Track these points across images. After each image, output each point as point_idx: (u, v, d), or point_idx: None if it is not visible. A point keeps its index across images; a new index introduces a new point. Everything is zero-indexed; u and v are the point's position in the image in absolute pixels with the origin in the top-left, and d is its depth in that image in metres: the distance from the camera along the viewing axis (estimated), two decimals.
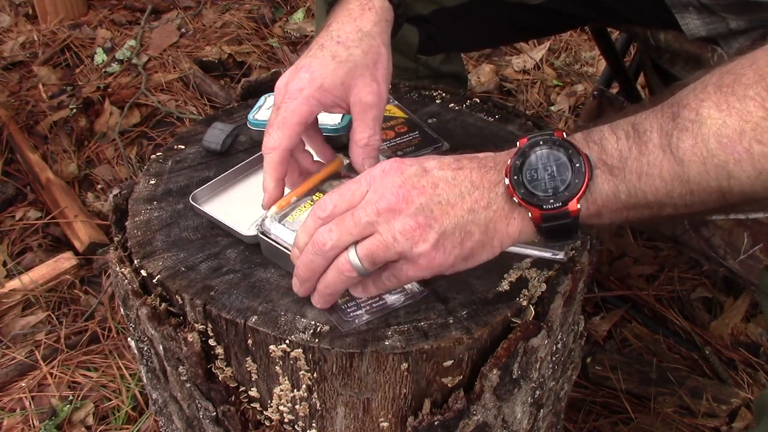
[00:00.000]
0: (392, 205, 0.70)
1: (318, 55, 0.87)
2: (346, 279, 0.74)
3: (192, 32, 2.61)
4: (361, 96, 0.85)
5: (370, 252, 0.71)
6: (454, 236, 0.71)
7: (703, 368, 1.55)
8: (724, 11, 1.07)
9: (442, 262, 0.71)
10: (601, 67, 2.38)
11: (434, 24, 1.27)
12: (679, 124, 0.67)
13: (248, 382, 0.84)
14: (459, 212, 0.71)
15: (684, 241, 1.42)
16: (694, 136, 0.66)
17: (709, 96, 0.66)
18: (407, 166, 0.72)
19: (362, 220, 0.71)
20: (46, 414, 1.46)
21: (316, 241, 0.73)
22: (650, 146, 0.68)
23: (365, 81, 0.86)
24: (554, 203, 0.70)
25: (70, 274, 1.74)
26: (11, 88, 2.32)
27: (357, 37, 0.87)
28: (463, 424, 0.80)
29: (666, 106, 0.69)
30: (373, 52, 0.87)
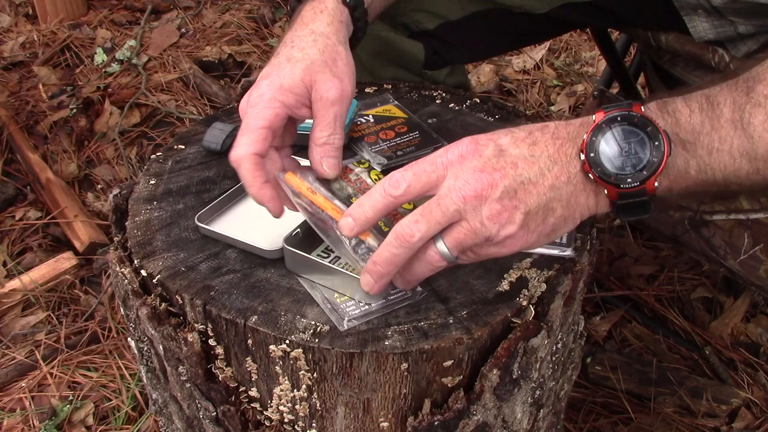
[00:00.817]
0: (478, 191, 0.69)
1: (274, 63, 0.86)
2: (435, 269, 0.73)
3: (192, 32, 2.61)
4: (321, 92, 0.83)
5: (458, 241, 0.70)
6: (538, 215, 0.70)
7: (703, 368, 1.55)
8: (733, 15, 1.07)
9: (526, 241, 0.71)
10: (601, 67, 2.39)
11: (439, 38, 1.27)
12: (752, 98, 0.66)
13: (248, 382, 0.84)
14: (541, 190, 0.70)
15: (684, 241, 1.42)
16: (767, 113, 0.65)
17: None
18: (483, 147, 0.71)
19: (450, 208, 0.69)
20: (46, 414, 1.46)
21: (402, 233, 0.71)
22: (722, 121, 0.67)
23: (325, 76, 0.83)
24: (632, 182, 0.69)
25: (70, 274, 1.74)
26: (11, 88, 2.32)
27: (311, 39, 0.86)
28: (463, 424, 0.80)
29: (741, 80, 0.68)
30: (330, 50, 0.86)
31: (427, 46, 1.27)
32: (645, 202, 0.71)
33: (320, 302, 0.81)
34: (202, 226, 0.90)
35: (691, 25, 1.14)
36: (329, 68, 0.84)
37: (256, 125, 0.81)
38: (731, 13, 1.07)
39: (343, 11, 0.91)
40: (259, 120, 0.81)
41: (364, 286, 0.75)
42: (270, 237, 0.87)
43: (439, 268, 0.73)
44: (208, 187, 0.99)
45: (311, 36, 0.87)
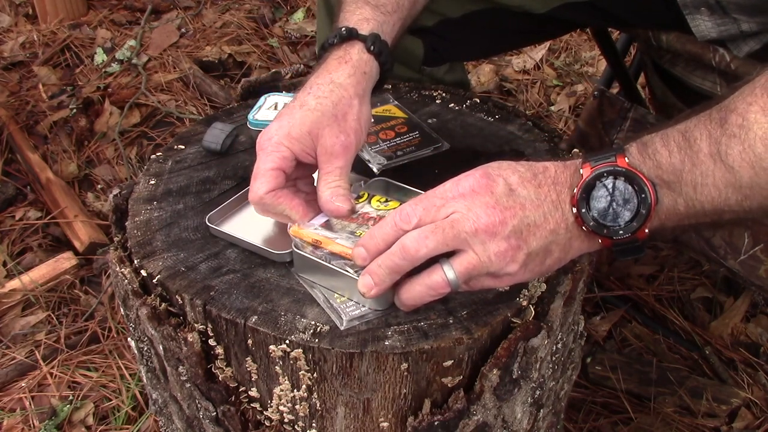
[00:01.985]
0: (490, 227, 0.71)
1: (290, 106, 0.89)
2: (436, 294, 0.75)
3: (192, 32, 2.61)
4: (326, 146, 0.85)
5: (467, 270, 0.72)
6: (538, 256, 0.74)
7: (703, 368, 1.55)
8: (737, 11, 1.07)
9: (521, 278, 0.75)
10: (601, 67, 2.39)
11: (438, 35, 1.27)
12: (727, 130, 0.68)
13: (248, 382, 0.84)
14: (544, 233, 0.73)
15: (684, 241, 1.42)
16: (742, 142, 0.67)
17: (756, 99, 0.67)
18: (494, 184, 0.73)
19: (461, 234, 0.71)
20: (46, 414, 1.46)
21: (407, 246, 0.72)
22: (701, 156, 0.69)
23: (332, 131, 0.86)
24: (623, 234, 0.73)
25: (70, 274, 1.74)
26: (11, 88, 2.32)
27: (328, 89, 0.88)
28: (463, 424, 0.80)
29: (715, 111, 0.70)
30: (344, 103, 0.88)
31: (425, 43, 1.27)
32: (638, 247, 0.75)
33: (320, 302, 0.81)
34: (213, 227, 0.90)
35: (693, 24, 1.14)
36: (338, 123, 0.86)
37: (266, 168, 0.85)
38: (735, 9, 1.07)
39: (367, 62, 0.92)
40: (267, 163, 0.85)
41: (362, 287, 0.76)
42: (279, 240, 0.88)
43: (440, 294, 0.75)
44: (208, 187, 0.99)
45: (329, 86, 0.89)
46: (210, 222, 0.91)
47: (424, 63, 1.29)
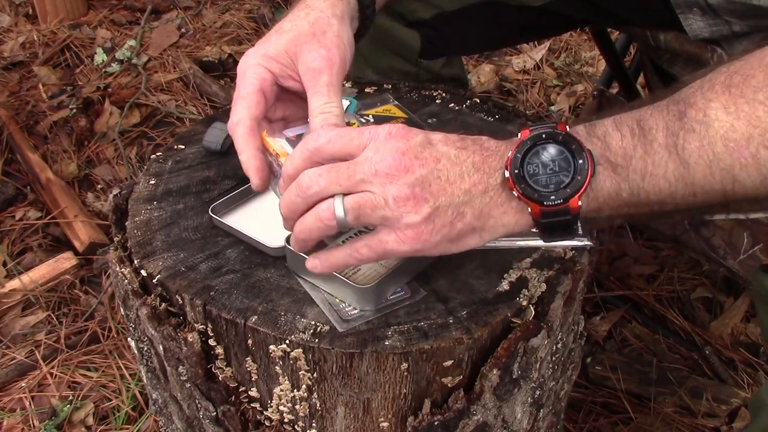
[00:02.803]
0: (391, 170, 0.67)
1: (266, 35, 0.86)
2: (323, 227, 0.71)
3: (192, 32, 2.61)
4: (307, 62, 0.81)
5: (358, 205, 0.68)
6: (446, 214, 0.69)
7: (703, 368, 1.55)
8: (728, 14, 1.07)
9: (427, 239, 0.69)
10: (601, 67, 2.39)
11: (435, 28, 1.27)
12: (686, 124, 0.66)
13: (248, 382, 0.84)
14: (456, 191, 0.69)
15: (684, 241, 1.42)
16: (701, 138, 0.65)
17: (717, 96, 0.65)
18: (414, 135, 0.70)
19: (356, 176, 0.68)
20: (46, 414, 1.46)
21: (301, 182, 0.70)
22: (655, 146, 0.67)
23: (311, 47, 0.82)
24: (555, 200, 0.69)
25: (70, 274, 1.74)
26: (11, 88, 2.32)
27: (304, 13, 0.86)
28: (463, 424, 0.80)
29: (672, 103, 0.68)
30: (321, 22, 0.84)
31: (422, 36, 1.27)
32: (568, 222, 0.70)
33: (320, 302, 0.81)
34: (215, 217, 0.91)
35: (686, 24, 1.14)
36: (316, 39, 0.83)
37: (247, 91, 0.82)
38: (726, 12, 1.07)
39: None
40: (248, 86, 0.82)
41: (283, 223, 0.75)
42: (277, 235, 0.87)
43: (327, 228, 0.71)
44: (208, 187, 0.99)
45: (305, 10, 0.86)
46: (213, 212, 0.91)
47: (421, 56, 1.29)
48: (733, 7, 1.04)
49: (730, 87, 0.65)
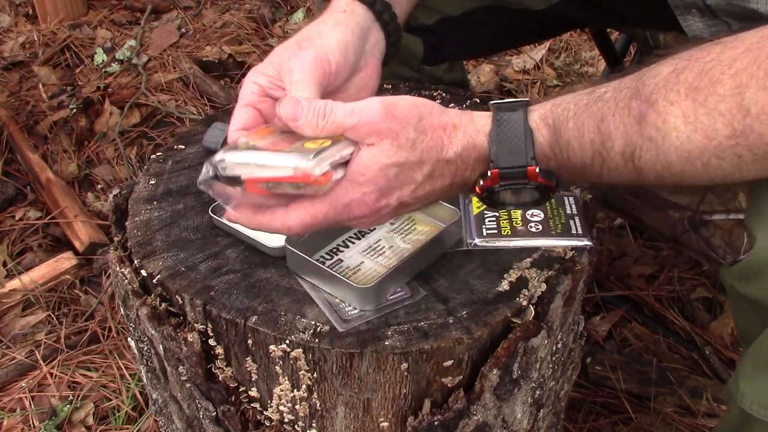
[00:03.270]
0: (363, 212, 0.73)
1: None
2: None
3: (192, 32, 2.61)
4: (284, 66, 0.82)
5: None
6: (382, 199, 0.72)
7: (703, 368, 1.55)
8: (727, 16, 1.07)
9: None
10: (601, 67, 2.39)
11: (438, 33, 1.27)
12: (644, 131, 0.67)
13: (248, 382, 0.84)
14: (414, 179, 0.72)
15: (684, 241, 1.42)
16: (657, 149, 0.66)
17: (679, 100, 0.65)
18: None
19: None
20: (46, 414, 1.46)
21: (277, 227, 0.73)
22: (613, 153, 0.69)
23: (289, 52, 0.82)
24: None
25: (70, 274, 1.74)
26: (11, 88, 2.32)
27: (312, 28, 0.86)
28: (463, 424, 0.80)
29: (635, 98, 0.68)
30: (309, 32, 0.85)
31: (425, 42, 1.27)
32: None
33: (320, 302, 0.81)
34: (215, 217, 0.91)
35: (685, 24, 1.14)
36: (296, 44, 0.83)
37: (237, 106, 0.83)
38: (725, 14, 1.07)
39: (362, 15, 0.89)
40: (239, 102, 0.83)
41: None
42: (277, 235, 0.87)
43: None
44: None
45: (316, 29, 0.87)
46: (213, 213, 0.91)
47: (424, 62, 1.29)
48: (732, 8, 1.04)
49: (695, 91, 0.64)
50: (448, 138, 0.72)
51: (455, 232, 0.88)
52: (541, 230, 0.89)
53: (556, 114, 0.72)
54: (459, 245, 0.88)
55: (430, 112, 0.72)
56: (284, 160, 0.67)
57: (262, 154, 0.69)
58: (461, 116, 0.74)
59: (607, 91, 0.70)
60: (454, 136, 0.72)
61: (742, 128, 0.62)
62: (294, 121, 0.70)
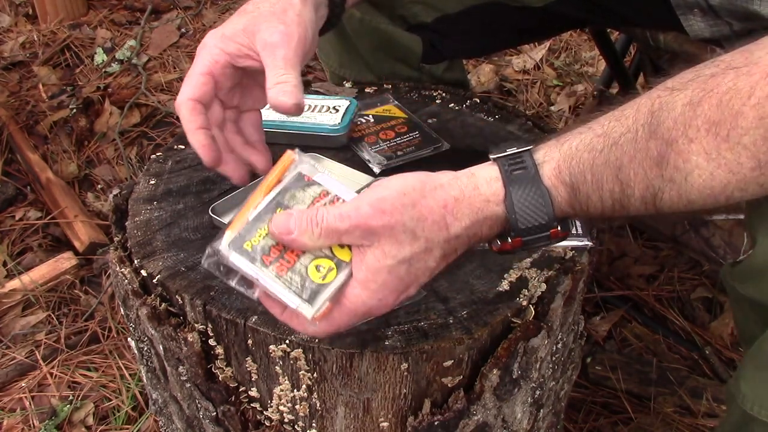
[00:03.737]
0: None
1: (227, 20, 0.85)
2: None
3: (192, 32, 2.61)
4: (265, 38, 0.80)
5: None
6: (397, 288, 0.69)
7: (703, 368, 1.55)
8: (728, 16, 1.07)
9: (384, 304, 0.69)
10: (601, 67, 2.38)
11: (437, 31, 1.27)
12: (665, 173, 0.64)
13: (248, 382, 0.84)
14: (429, 267, 0.70)
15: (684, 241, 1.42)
16: (678, 189, 0.64)
17: (700, 137, 0.62)
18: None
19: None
20: (46, 414, 1.46)
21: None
22: (633, 200, 0.67)
23: (270, 24, 0.80)
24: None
25: (70, 274, 1.74)
26: (11, 88, 2.32)
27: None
28: (463, 424, 0.80)
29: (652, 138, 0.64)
30: (281, 3, 0.83)
31: (424, 40, 1.27)
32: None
33: None
34: (215, 217, 0.91)
35: (686, 24, 1.14)
36: (276, 17, 0.82)
37: (195, 72, 0.81)
38: (727, 14, 1.07)
39: None
40: (197, 66, 0.81)
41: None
42: None
43: None
44: (208, 187, 0.99)
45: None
46: (213, 213, 0.91)
47: (423, 60, 1.29)
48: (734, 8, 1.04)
49: (716, 125, 0.62)
50: (452, 215, 0.68)
51: None
52: None
53: (572, 168, 0.68)
54: None
55: (422, 194, 0.68)
56: (288, 299, 0.68)
57: (269, 277, 0.68)
58: (461, 186, 0.69)
59: (622, 134, 0.66)
60: (458, 211, 0.68)
61: (767, 159, 0.61)
62: (289, 234, 0.67)
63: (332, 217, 0.66)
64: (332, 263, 0.68)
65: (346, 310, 0.68)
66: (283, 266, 0.68)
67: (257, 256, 0.68)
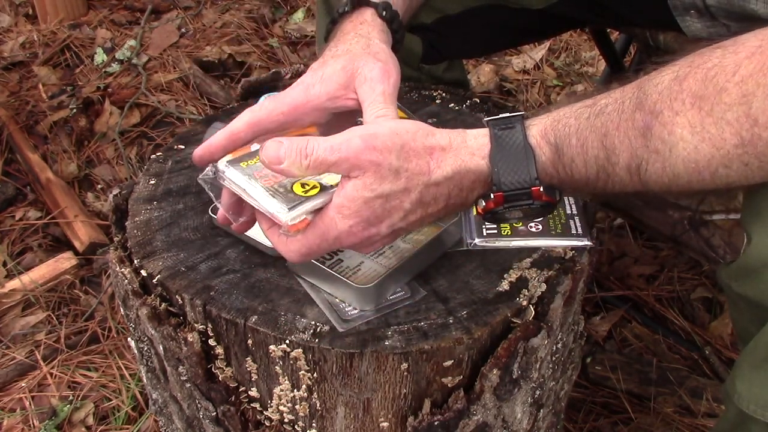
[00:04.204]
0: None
1: (318, 62, 0.86)
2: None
3: (192, 32, 2.61)
4: (365, 74, 0.81)
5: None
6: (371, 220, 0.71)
7: (703, 368, 1.55)
8: (725, 18, 1.07)
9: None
10: (601, 67, 2.39)
11: (437, 32, 1.27)
12: (650, 143, 0.65)
13: (248, 382, 0.84)
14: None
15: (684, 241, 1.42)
16: (663, 161, 0.65)
17: (685, 110, 0.64)
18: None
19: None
20: (46, 414, 1.46)
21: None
22: (617, 169, 0.68)
23: (367, 61, 0.82)
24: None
25: (70, 274, 1.74)
26: (11, 88, 2.32)
27: (354, 40, 0.86)
28: (463, 424, 0.80)
29: (638, 109, 0.66)
30: (373, 45, 0.85)
31: (424, 40, 1.27)
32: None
33: (320, 302, 0.81)
34: (215, 217, 0.91)
35: (684, 25, 1.14)
36: (372, 56, 0.83)
37: (285, 101, 0.81)
38: (724, 15, 1.07)
39: (382, 23, 0.91)
40: (288, 97, 0.81)
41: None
42: None
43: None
44: None
45: (354, 39, 0.87)
46: (213, 213, 0.91)
47: (423, 60, 1.29)
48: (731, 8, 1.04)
49: (701, 99, 0.63)
50: (436, 162, 0.71)
51: (455, 232, 0.88)
52: (541, 230, 0.89)
53: (557, 130, 0.70)
54: (459, 245, 0.88)
55: (414, 137, 0.70)
56: (269, 204, 0.71)
57: (256, 188, 0.72)
58: (451, 137, 0.72)
59: (608, 104, 0.69)
60: (442, 159, 0.71)
61: (750, 137, 0.61)
62: (279, 163, 0.69)
63: (322, 150, 0.68)
64: (317, 184, 0.72)
65: (318, 230, 0.71)
66: (271, 180, 0.73)
67: (251, 173, 0.73)
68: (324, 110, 0.83)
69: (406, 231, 0.74)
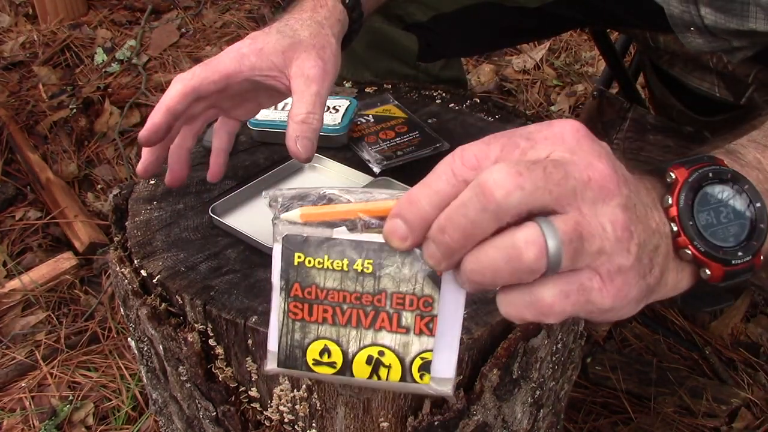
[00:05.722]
0: (607, 180, 0.46)
1: (264, 31, 0.86)
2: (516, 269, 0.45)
3: (192, 32, 2.61)
4: (303, 68, 0.81)
5: (577, 233, 0.44)
6: (646, 254, 0.48)
7: (703, 368, 1.55)
8: (725, 35, 1.07)
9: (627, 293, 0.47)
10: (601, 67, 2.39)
11: (433, 30, 1.27)
12: None
13: (248, 382, 0.84)
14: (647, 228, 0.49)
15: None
16: None
17: None
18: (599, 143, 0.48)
19: (569, 181, 0.45)
20: (46, 414, 1.46)
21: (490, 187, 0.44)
22: None
23: (309, 55, 0.81)
24: (743, 257, 0.52)
25: (70, 274, 1.74)
26: (11, 88, 2.32)
27: (306, 24, 0.86)
28: (463, 424, 0.80)
29: None
30: (322, 37, 0.85)
31: (420, 39, 1.27)
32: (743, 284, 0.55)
33: None
34: (215, 217, 0.91)
35: (685, 41, 1.13)
36: (316, 50, 0.83)
37: (217, 67, 0.81)
38: (723, 33, 1.06)
39: (342, 11, 0.91)
40: (221, 64, 0.81)
41: (429, 258, 0.48)
42: None
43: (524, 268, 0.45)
44: (208, 187, 0.99)
45: (308, 21, 0.87)
46: (213, 213, 0.91)
47: (419, 58, 1.29)
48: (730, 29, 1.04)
49: None
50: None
51: None
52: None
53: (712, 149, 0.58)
54: None
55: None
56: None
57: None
58: None
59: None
60: None
61: None
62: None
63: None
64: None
65: None
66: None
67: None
68: (253, 83, 0.84)
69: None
